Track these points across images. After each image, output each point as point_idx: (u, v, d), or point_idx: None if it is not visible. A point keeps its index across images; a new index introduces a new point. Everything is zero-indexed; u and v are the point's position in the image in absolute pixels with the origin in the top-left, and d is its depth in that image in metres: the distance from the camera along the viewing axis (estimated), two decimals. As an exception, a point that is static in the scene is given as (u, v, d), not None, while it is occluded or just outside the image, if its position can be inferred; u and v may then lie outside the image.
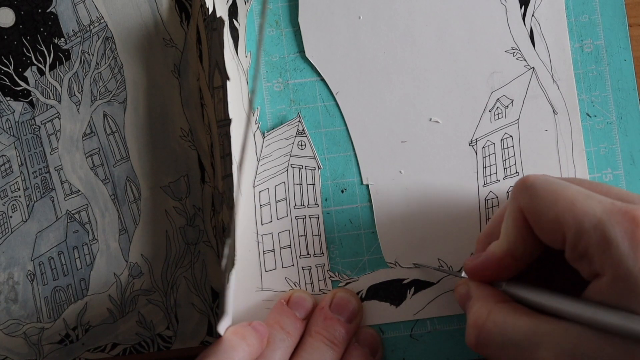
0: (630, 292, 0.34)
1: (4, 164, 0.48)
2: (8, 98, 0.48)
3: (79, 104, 0.48)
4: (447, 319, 0.47)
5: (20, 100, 0.48)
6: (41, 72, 0.48)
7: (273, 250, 0.47)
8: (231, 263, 0.42)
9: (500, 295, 0.40)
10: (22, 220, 0.48)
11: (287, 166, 0.48)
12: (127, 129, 0.48)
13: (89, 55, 0.48)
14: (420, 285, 0.47)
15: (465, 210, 0.47)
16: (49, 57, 0.48)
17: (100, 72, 0.48)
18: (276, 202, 0.48)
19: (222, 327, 0.43)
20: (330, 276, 0.47)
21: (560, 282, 0.40)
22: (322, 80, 0.48)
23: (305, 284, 0.47)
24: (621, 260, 0.34)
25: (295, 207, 0.48)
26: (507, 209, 0.39)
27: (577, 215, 0.35)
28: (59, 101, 0.48)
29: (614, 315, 0.34)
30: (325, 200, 0.48)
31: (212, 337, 0.47)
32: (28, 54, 0.48)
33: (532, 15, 0.48)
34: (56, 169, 0.48)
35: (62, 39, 0.48)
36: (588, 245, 0.35)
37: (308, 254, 0.47)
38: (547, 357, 0.36)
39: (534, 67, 0.48)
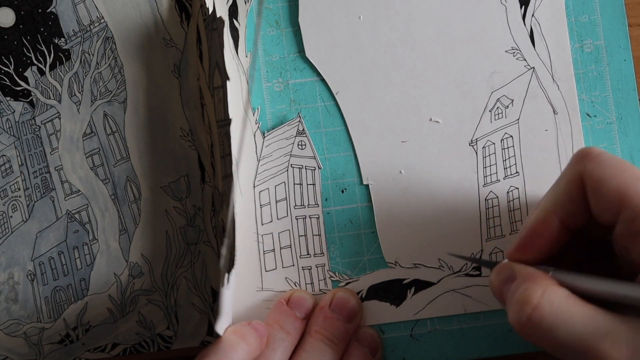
0: None
1: (4, 164, 0.48)
2: (8, 98, 0.48)
3: (79, 104, 0.48)
4: (447, 319, 0.47)
5: (20, 100, 0.48)
6: (41, 72, 0.48)
7: (273, 250, 0.47)
8: (228, 263, 0.42)
9: (551, 279, 0.38)
10: (22, 220, 0.48)
11: (287, 166, 0.48)
12: (127, 129, 0.48)
13: (89, 55, 0.48)
14: (420, 285, 0.47)
15: (465, 210, 0.47)
16: (49, 57, 0.48)
17: (100, 72, 0.48)
18: (276, 202, 0.48)
19: (222, 327, 0.43)
20: (331, 276, 0.47)
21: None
22: (322, 80, 0.48)
23: (306, 284, 0.47)
24: None
25: (296, 207, 0.48)
26: (562, 176, 0.39)
27: None
28: (59, 101, 0.48)
29: None
30: (326, 200, 0.48)
31: (212, 337, 0.47)
32: (28, 54, 0.48)
33: (532, 15, 0.48)
34: (56, 169, 0.48)
35: (62, 39, 0.48)
36: None
37: (308, 254, 0.47)
38: (614, 351, 0.34)
39: (534, 67, 0.48)
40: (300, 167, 0.48)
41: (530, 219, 0.40)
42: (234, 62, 0.47)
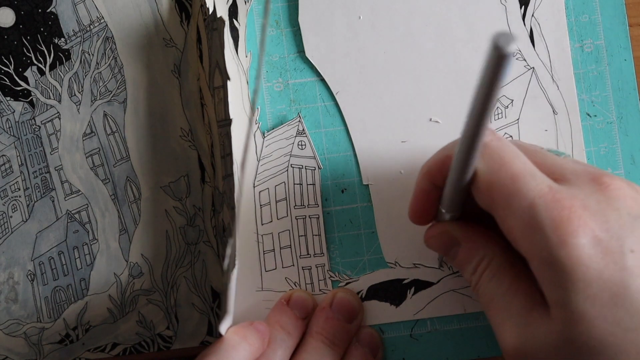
0: (556, 276, 0.34)
1: (4, 164, 0.48)
2: (8, 98, 0.48)
3: (79, 104, 0.48)
4: (447, 319, 0.47)
5: (20, 100, 0.48)
6: (41, 72, 0.48)
7: (273, 250, 0.47)
8: (232, 263, 0.42)
9: (496, 242, 0.40)
10: (22, 220, 0.48)
11: (287, 166, 0.48)
12: (127, 129, 0.48)
13: (89, 55, 0.48)
14: (420, 285, 0.47)
15: (465, 210, 0.47)
16: (49, 57, 0.48)
17: (100, 72, 0.48)
18: (276, 202, 0.48)
19: (223, 327, 0.43)
20: (331, 276, 0.47)
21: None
22: (322, 80, 0.48)
23: (306, 284, 0.47)
24: (546, 244, 0.34)
25: (295, 207, 0.48)
26: (447, 149, 0.40)
27: (511, 192, 0.36)
28: (59, 101, 0.48)
29: None
30: (325, 200, 0.48)
31: (212, 337, 0.47)
32: (28, 54, 0.48)
33: (532, 15, 0.48)
34: (56, 169, 0.48)
35: (62, 39, 0.48)
36: (515, 225, 0.36)
37: (308, 254, 0.47)
38: (506, 332, 0.37)
39: (533, 67, 0.48)
40: (300, 167, 0.48)
41: (416, 184, 0.42)
42: (234, 62, 0.47)
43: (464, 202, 0.40)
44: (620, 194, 0.36)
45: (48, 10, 0.48)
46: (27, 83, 0.48)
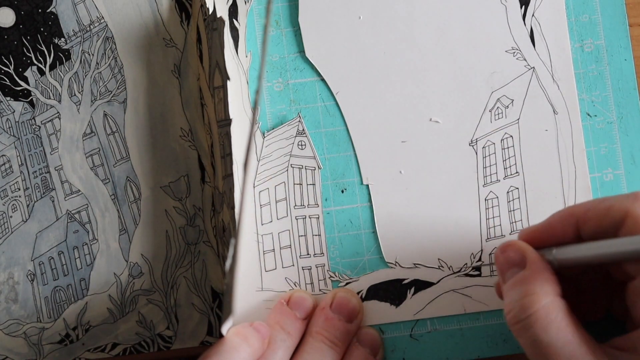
0: None
1: (4, 164, 0.48)
2: (8, 98, 0.48)
3: (79, 104, 0.48)
4: (447, 319, 0.47)
5: (20, 100, 0.48)
6: (41, 72, 0.48)
7: (273, 250, 0.47)
8: (235, 264, 0.42)
9: (559, 285, 0.39)
10: (22, 220, 0.48)
11: (287, 166, 0.48)
12: (127, 129, 0.48)
13: (89, 55, 0.48)
14: (420, 285, 0.47)
15: (465, 210, 0.47)
16: (49, 57, 0.48)
17: (100, 72, 0.48)
18: (276, 202, 0.48)
19: (225, 328, 0.43)
20: (330, 276, 0.47)
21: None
22: (322, 80, 0.48)
23: (306, 284, 0.47)
24: None
25: (295, 207, 0.48)
26: (607, 199, 0.39)
27: None
28: (59, 101, 0.48)
29: None
30: (325, 200, 0.48)
31: (212, 337, 0.47)
32: (28, 54, 0.48)
33: (533, 15, 0.48)
34: (56, 168, 0.48)
35: (63, 39, 0.48)
36: None
37: (308, 254, 0.47)
38: None
39: (534, 67, 0.48)
40: (300, 167, 0.48)
41: (554, 216, 0.41)
42: (234, 62, 0.47)
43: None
44: None
45: (48, 10, 0.48)
46: (27, 83, 0.48)
